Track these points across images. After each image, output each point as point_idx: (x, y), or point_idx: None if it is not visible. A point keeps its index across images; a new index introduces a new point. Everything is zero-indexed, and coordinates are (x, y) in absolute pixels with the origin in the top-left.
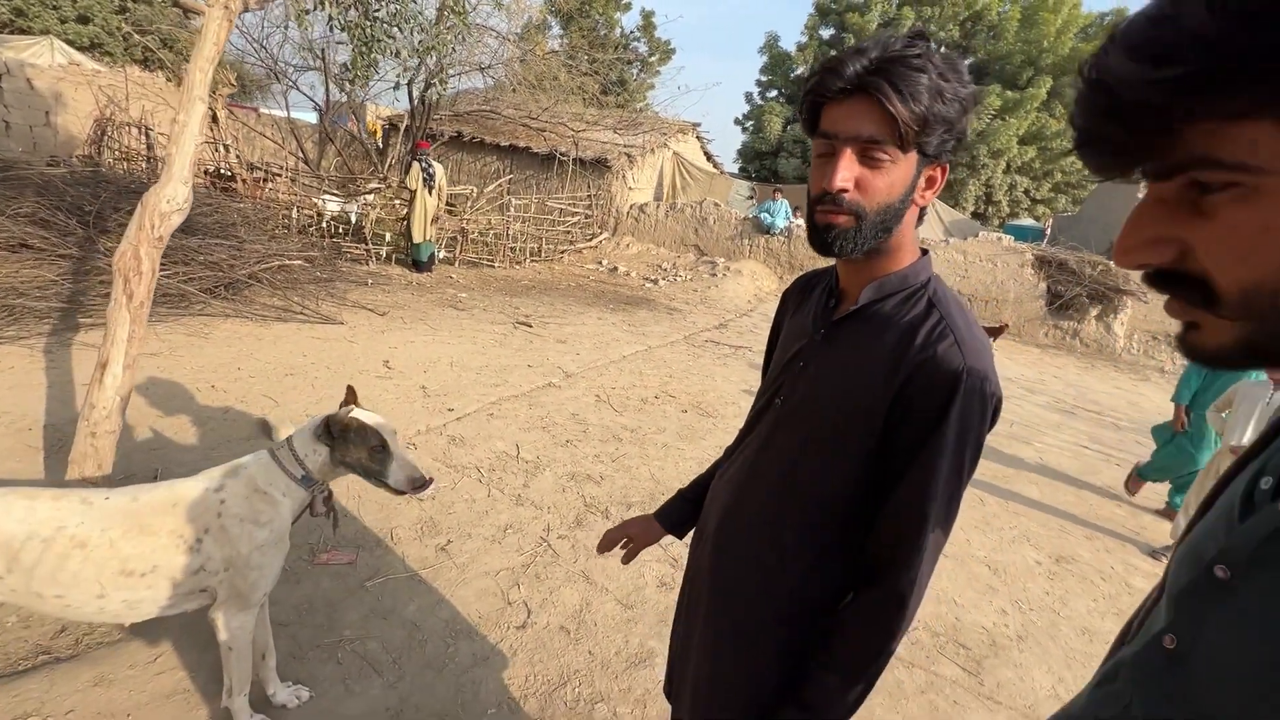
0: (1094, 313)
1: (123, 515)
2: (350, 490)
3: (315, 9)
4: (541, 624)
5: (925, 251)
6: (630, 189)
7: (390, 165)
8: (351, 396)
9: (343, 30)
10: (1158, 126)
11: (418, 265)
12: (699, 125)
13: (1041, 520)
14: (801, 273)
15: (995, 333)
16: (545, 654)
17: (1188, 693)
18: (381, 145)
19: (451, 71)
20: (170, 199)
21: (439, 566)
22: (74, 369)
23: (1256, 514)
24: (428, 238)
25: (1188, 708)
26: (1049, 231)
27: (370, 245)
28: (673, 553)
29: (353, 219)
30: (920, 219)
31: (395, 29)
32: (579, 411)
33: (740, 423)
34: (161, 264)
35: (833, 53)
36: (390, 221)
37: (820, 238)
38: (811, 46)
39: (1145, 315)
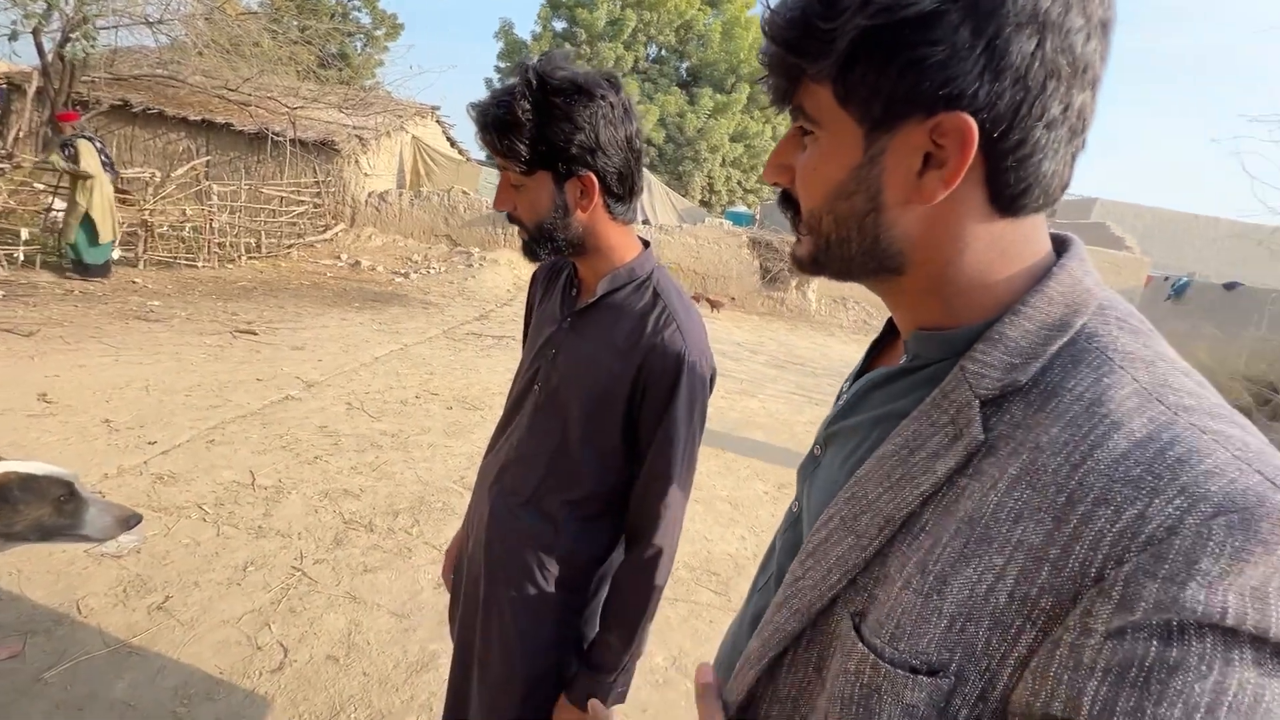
0: (794, 284)
1: None
2: (3, 565)
3: None
4: (303, 659)
5: (647, 244)
6: (366, 175)
7: (17, 138)
8: None
9: None
10: (783, 74)
11: (85, 269)
12: (438, 109)
13: (768, 456)
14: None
15: (720, 305)
16: (310, 689)
17: (798, 542)
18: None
19: (102, 22)
20: None
21: (156, 630)
22: None
23: (835, 407)
24: (113, 235)
25: (797, 552)
26: (758, 217)
27: None
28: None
29: None
30: (625, 221)
31: None
32: (328, 423)
33: None
34: None
35: (566, 45)
36: (25, 214)
37: (522, 250)
38: (545, 37)
39: (829, 284)
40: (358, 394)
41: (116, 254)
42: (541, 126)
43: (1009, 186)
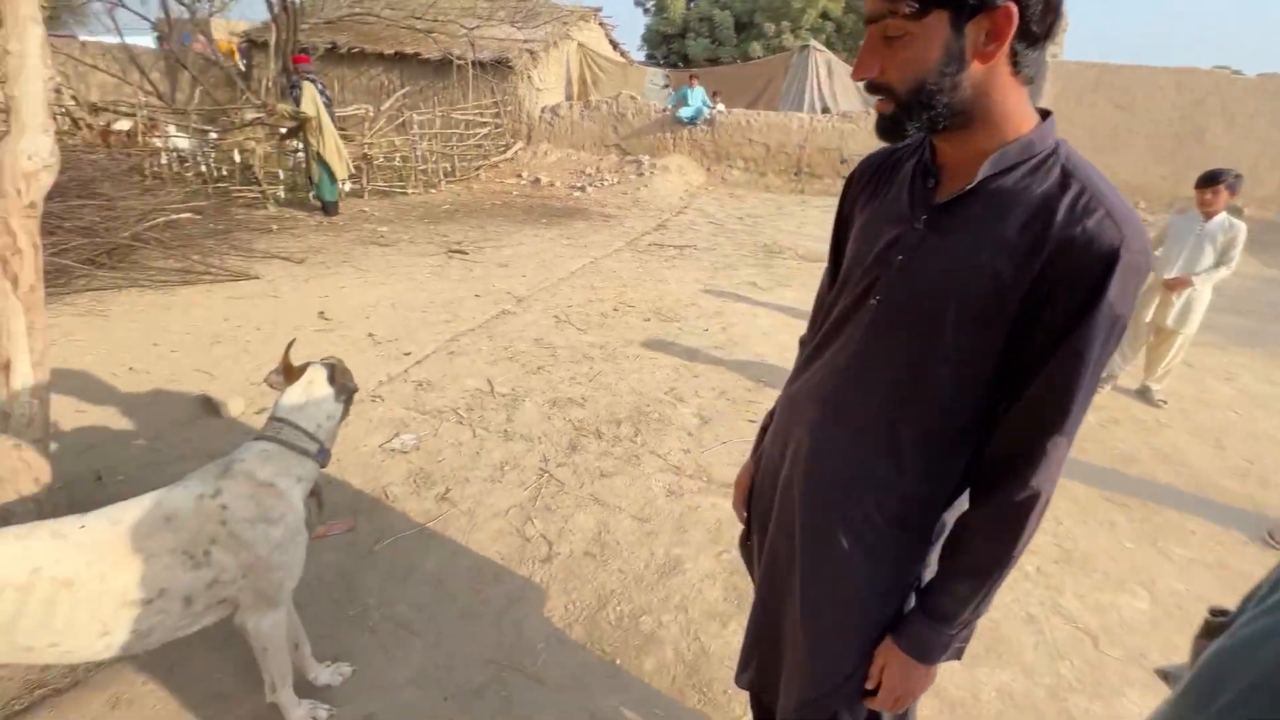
0: None
1: (107, 544)
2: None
3: None
4: (565, 553)
5: (1046, 114)
6: (538, 90)
7: (267, 89)
8: (287, 353)
9: None
10: None
11: (326, 207)
12: (600, 10)
13: None
14: (730, 160)
15: None
16: (577, 581)
17: None
18: (244, 67)
19: None
20: (32, 154)
21: (445, 516)
22: None
23: None
24: (346, 172)
25: None
26: None
27: (264, 186)
28: (672, 461)
29: (198, 157)
30: (1027, 78)
31: None
32: (542, 336)
33: (705, 322)
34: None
35: None
36: (279, 157)
37: (877, 128)
38: None
39: None
40: (562, 308)
41: (347, 187)
42: None
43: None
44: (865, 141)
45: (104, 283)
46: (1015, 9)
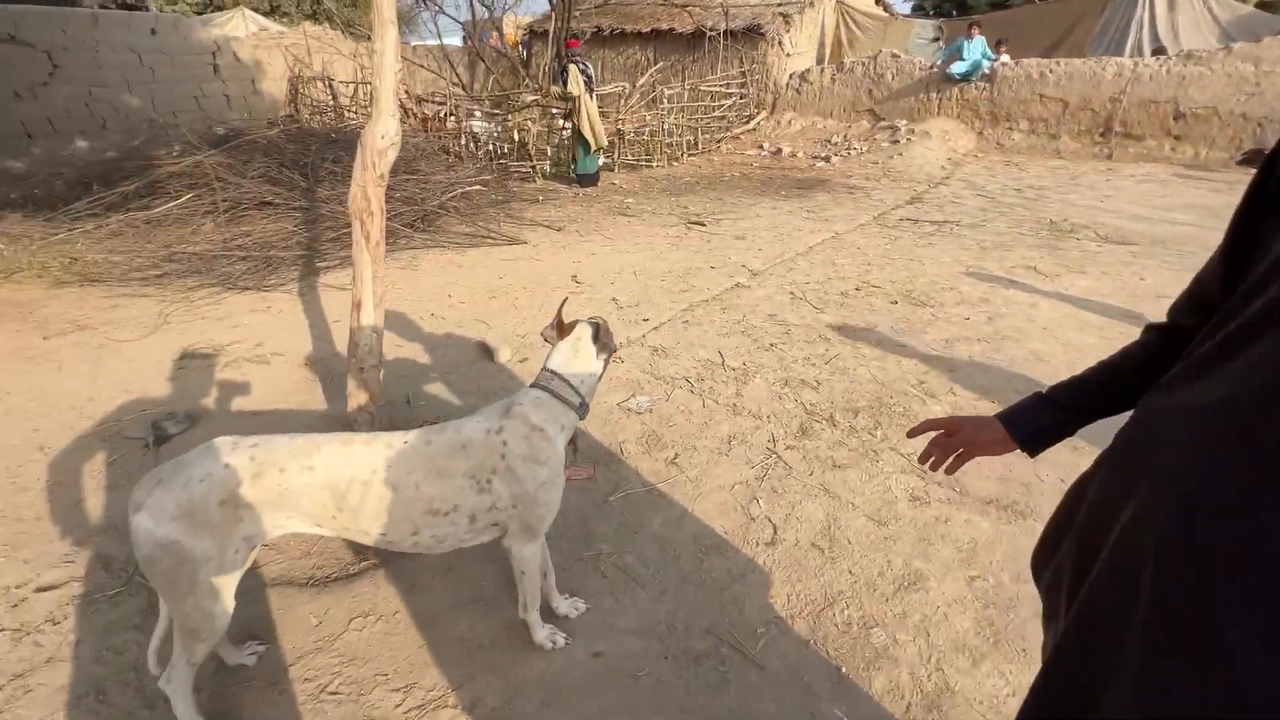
0: None
1: (422, 460)
2: None
3: None
4: (790, 540)
5: None
6: (789, 55)
7: (543, 74)
8: (561, 310)
9: None
10: None
11: (581, 178)
12: None
13: None
14: (1010, 122)
15: (1252, 160)
16: (802, 572)
17: None
18: (525, 56)
19: None
20: (384, 134)
21: (673, 480)
22: (324, 309)
23: None
24: (603, 144)
25: None
26: None
27: (535, 162)
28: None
29: (490, 138)
30: None
31: None
32: (776, 311)
33: (966, 310)
34: None
35: None
36: (548, 135)
37: None
38: None
39: None
40: (798, 284)
41: (601, 161)
42: None
43: None
44: (1217, 89)
45: (417, 244)
46: None
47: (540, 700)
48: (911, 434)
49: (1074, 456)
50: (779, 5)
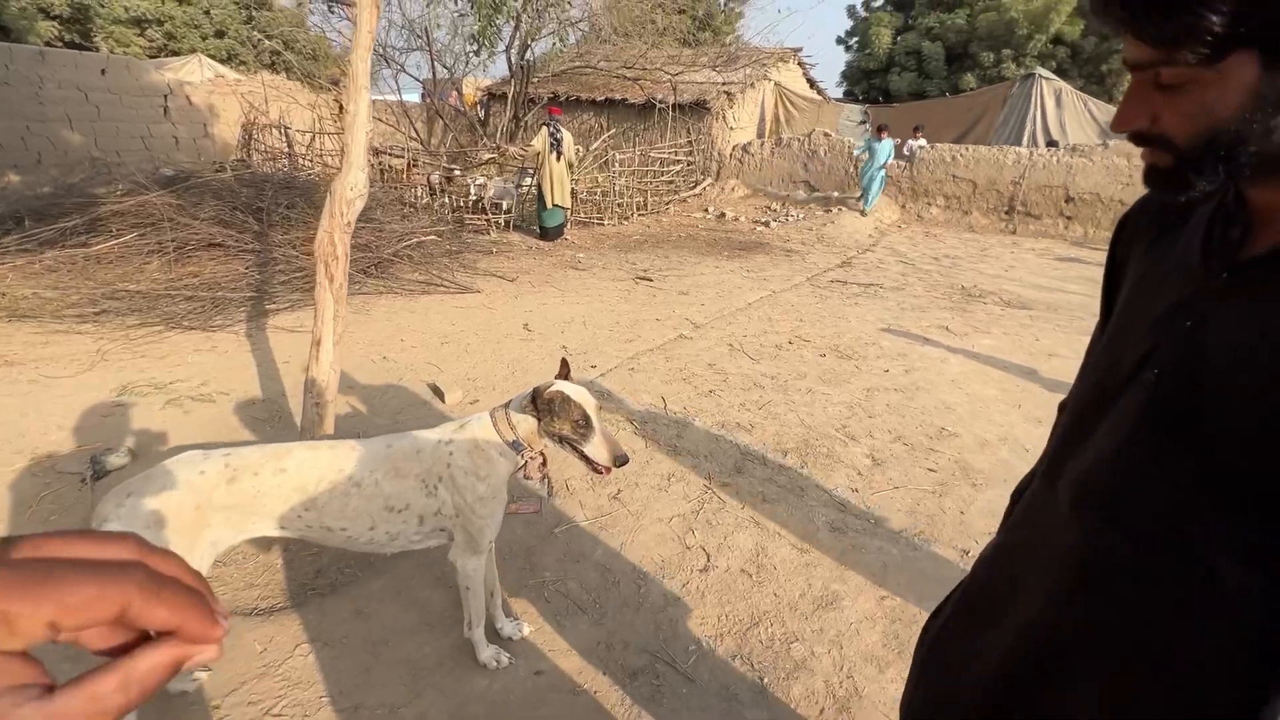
0: None
1: (383, 460)
2: None
3: None
4: (722, 567)
5: None
6: (731, 129)
7: (500, 134)
8: (565, 369)
9: (470, 2)
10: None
11: (544, 232)
12: (800, 51)
13: None
14: (929, 198)
15: None
16: (732, 595)
17: None
18: (483, 116)
19: (544, 29)
20: (353, 185)
21: (615, 514)
22: (273, 350)
23: None
24: (561, 202)
25: None
26: None
27: (490, 215)
28: (839, 497)
29: (487, 195)
30: None
31: None
32: (715, 361)
33: (885, 364)
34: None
35: None
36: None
37: (1147, 181)
38: None
39: None
40: (737, 336)
41: (559, 219)
42: None
43: None
44: (1099, 178)
45: (370, 289)
46: None
47: (484, 716)
48: None
49: (973, 492)
50: (723, 84)
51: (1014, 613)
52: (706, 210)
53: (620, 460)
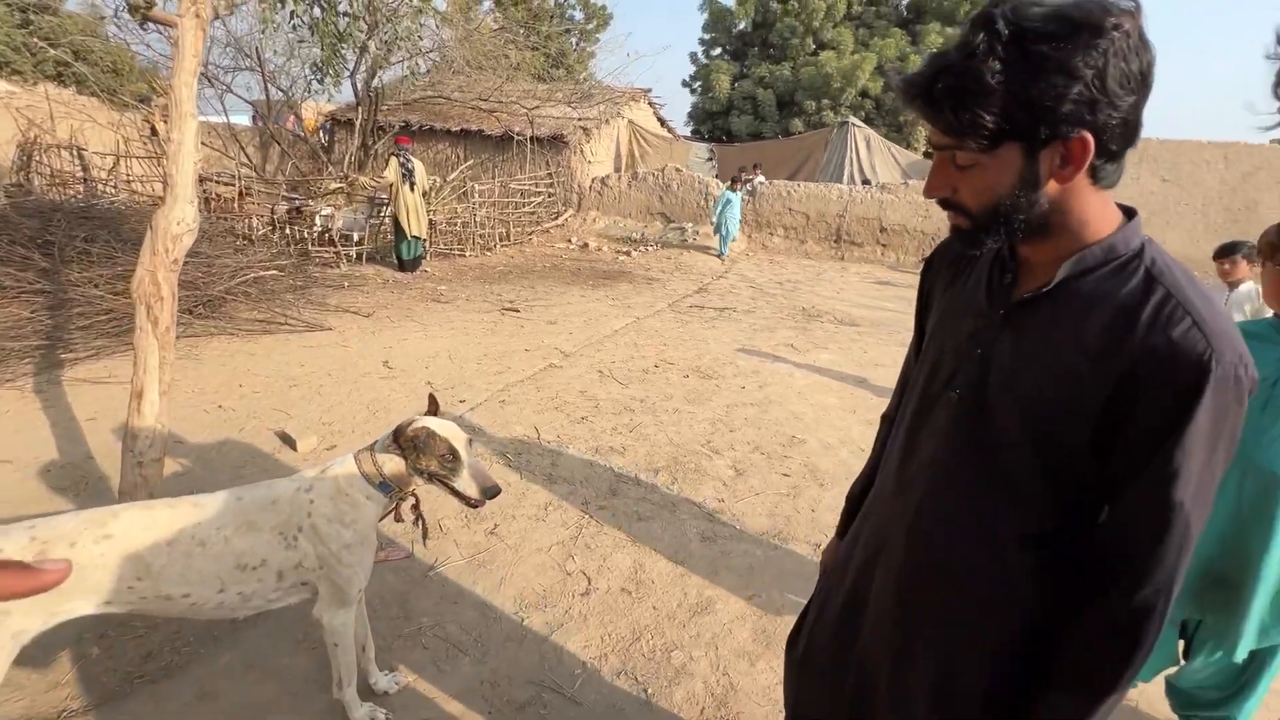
0: None
1: (232, 514)
2: None
3: (278, 8)
4: (603, 589)
5: (1131, 214)
6: (589, 163)
7: (349, 163)
8: (433, 406)
9: (310, 30)
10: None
11: (402, 264)
12: (650, 91)
13: None
14: (771, 228)
15: None
16: (613, 615)
17: None
18: (326, 143)
19: (394, 59)
20: (180, 220)
21: (493, 550)
22: (72, 406)
23: None
24: (418, 233)
25: None
26: None
27: (340, 247)
28: (707, 509)
29: (335, 226)
30: (1108, 185)
31: (362, 19)
32: (586, 388)
33: (742, 381)
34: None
35: (773, 4)
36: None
37: (954, 237)
38: (751, 1)
39: None
40: (606, 363)
41: (418, 250)
42: (1022, 88)
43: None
44: (904, 212)
45: (198, 331)
46: (1090, 138)
47: None
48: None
49: (821, 492)
50: (579, 119)
51: (870, 607)
52: (570, 240)
53: (491, 492)
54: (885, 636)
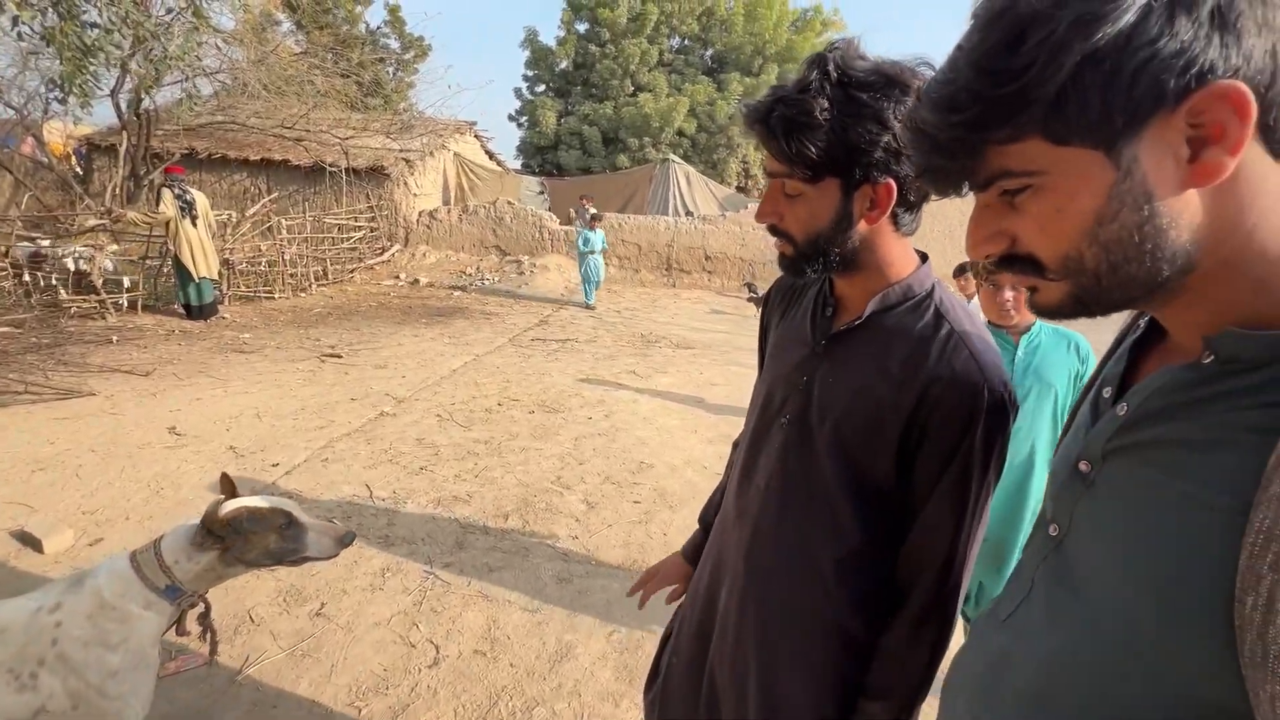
0: None
1: None
2: None
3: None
4: (454, 655)
5: (925, 258)
6: (415, 195)
7: (114, 195)
8: (228, 486)
9: (43, 40)
10: (965, 154)
11: (190, 310)
12: (475, 124)
13: None
14: (606, 259)
15: (749, 286)
16: (467, 681)
17: (1068, 569)
18: (81, 172)
19: (168, 80)
20: None
21: (320, 634)
22: None
23: (1102, 417)
24: (208, 274)
25: (1069, 582)
26: None
27: (103, 295)
28: (561, 548)
29: (96, 270)
30: (907, 233)
31: (118, 33)
32: (424, 435)
33: (588, 411)
34: None
35: (590, 46)
36: (125, 264)
37: (780, 265)
38: (570, 41)
39: None
40: (445, 405)
41: (209, 294)
42: (843, 127)
43: None
44: (725, 240)
45: None
46: (894, 185)
47: None
48: (631, 592)
49: (671, 514)
50: (401, 151)
51: (715, 634)
52: (398, 277)
53: (349, 538)
54: (728, 663)
